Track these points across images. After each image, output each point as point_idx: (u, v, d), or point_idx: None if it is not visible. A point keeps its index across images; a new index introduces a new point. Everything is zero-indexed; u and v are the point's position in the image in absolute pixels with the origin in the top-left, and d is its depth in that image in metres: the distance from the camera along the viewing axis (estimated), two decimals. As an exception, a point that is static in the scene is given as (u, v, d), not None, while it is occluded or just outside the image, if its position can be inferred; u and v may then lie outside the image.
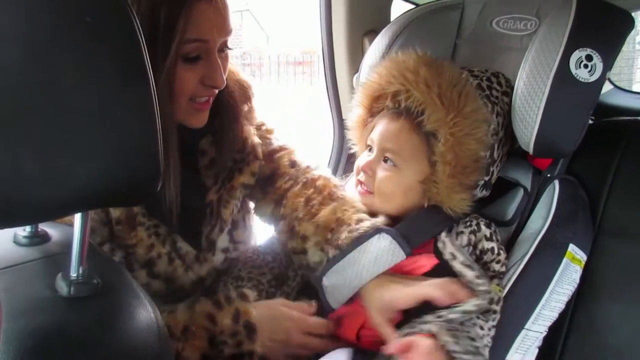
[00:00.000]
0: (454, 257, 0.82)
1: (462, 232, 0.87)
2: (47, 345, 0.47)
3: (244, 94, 0.99)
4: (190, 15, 0.77)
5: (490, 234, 0.86)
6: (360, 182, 0.92)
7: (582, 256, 0.90)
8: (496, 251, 0.86)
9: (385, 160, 0.89)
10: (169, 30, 0.77)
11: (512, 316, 0.86)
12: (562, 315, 0.91)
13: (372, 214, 0.89)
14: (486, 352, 0.80)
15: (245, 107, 0.99)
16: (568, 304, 0.91)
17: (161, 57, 0.78)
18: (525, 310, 0.86)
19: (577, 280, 0.90)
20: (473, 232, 0.86)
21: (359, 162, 0.93)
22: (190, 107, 0.86)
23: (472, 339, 0.77)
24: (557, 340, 0.98)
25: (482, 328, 0.80)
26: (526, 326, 0.86)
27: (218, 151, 0.95)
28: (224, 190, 0.95)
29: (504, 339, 0.86)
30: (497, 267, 0.86)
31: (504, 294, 0.85)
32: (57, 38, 0.45)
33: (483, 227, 0.86)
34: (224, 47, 0.86)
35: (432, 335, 0.75)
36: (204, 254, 0.93)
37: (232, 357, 0.79)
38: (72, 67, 0.46)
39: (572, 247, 0.88)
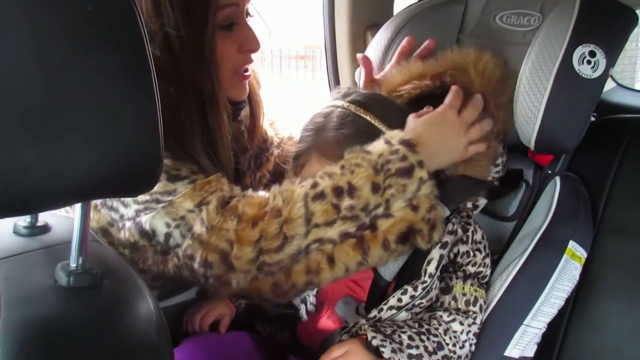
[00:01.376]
0: None
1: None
2: (46, 335, 0.47)
3: (255, 79, 1.01)
4: None
5: (467, 236, 0.85)
6: None
7: (582, 253, 0.90)
8: (471, 254, 0.85)
9: None
10: (204, 1, 0.78)
11: (511, 312, 0.86)
12: (562, 311, 0.91)
13: None
14: (458, 348, 0.80)
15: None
16: (567, 300, 0.91)
17: (200, 27, 0.79)
18: (525, 306, 0.86)
19: (577, 277, 0.90)
20: (450, 232, 0.84)
21: None
22: (234, 79, 0.88)
23: (409, 336, 0.77)
24: (556, 336, 0.98)
25: (461, 324, 0.81)
26: (525, 322, 0.86)
27: (249, 137, 0.97)
28: (254, 176, 0.98)
29: (502, 335, 0.86)
30: (472, 269, 0.85)
31: (483, 292, 0.85)
32: (58, 27, 0.45)
33: (459, 231, 0.85)
34: (247, 14, 0.88)
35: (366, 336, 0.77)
36: None
37: (402, 171, 0.77)
38: (72, 57, 0.45)
39: (572, 244, 0.88)
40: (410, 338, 0.77)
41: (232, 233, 0.76)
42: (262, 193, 0.85)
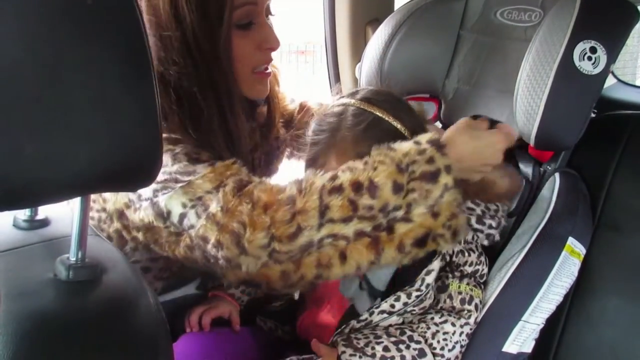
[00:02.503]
0: None
1: None
2: (45, 328, 0.47)
3: (275, 77, 1.01)
4: None
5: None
6: None
7: (580, 249, 0.90)
8: (466, 254, 0.85)
9: None
10: (220, 2, 0.78)
11: (509, 308, 0.86)
12: (560, 307, 0.91)
13: None
14: (447, 351, 0.80)
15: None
16: (566, 296, 0.91)
17: (216, 26, 0.79)
18: (523, 302, 0.86)
19: (576, 274, 0.90)
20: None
21: None
22: (254, 78, 0.88)
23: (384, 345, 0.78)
24: (554, 332, 0.98)
25: (453, 325, 0.81)
26: (523, 318, 0.86)
27: (263, 135, 0.96)
28: (264, 173, 0.96)
29: (500, 331, 0.86)
30: (469, 269, 0.85)
31: (480, 291, 0.85)
32: (58, 22, 0.45)
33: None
34: (268, 13, 0.88)
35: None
36: None
37: (427, 175, 0.73)
38: (72, 52, 0.45)
39: (571, 240, 0.88)
40: (385, 349, 0.77)
41: (245, 216, 0.75)
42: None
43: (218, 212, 0.76)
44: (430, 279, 0.81)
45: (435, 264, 0.82)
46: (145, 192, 0.79)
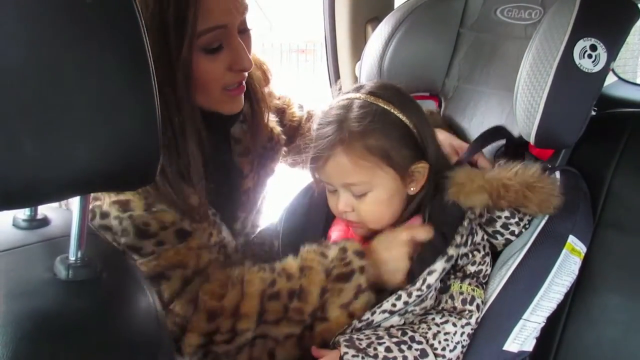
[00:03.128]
0: None
1: None
2: (44, 327, 0.47)
3: (264, 76, 1.00)
4: (200, 6, 0.75)
5: (466, 240, 0.84)
6: (347, 222, 0.90)
7: (581, 248, 0.90)
8: (470, 255, 0.85)
9: (358, 192, 0.85)
10: (180, 25, 0.74)
11: (510, 306, 0.86)
12: (561, 306, 0.91)
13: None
14: (448, 351, 0.80)
15: (266, 90, 1.00)
16: (566, 295, 0.91)
17: (175, 51, 0.75)
18: (524, 301, 0.86)
19: (576, 272, 0.90)
20: (458, 246, 0.83)
21: (332, 204, 0.89)
22: (225, 95, 0.85)
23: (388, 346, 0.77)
24: (555, 331, 0.98)
25: (454, 325, 0.81)
26: (524, 316, 0.86)
27: (252, 138, 0.95)
28: (257, 177, 0.97)
29: (501, 329, 0.86)
30: (472, 268, 0.85)
31: (482, 292, 0.85)
32: (57, 22, 0.45)
33: (468, 239, 0.84)
34: (244, 28, 0.85)
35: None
36: (236, 239, 0.94)
37: (342, 276, 0.80)
38: (72, 51, 0.45)
39: (571, 239, 0.88)
40: (387, 350, 0.76)
41: (185, 320, 0.78)
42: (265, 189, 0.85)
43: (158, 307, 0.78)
44: (431, 279, 0.81)
45: (438, 265, 0.81)
46: None
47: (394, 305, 0.81)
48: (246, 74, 0.87)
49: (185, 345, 0.78)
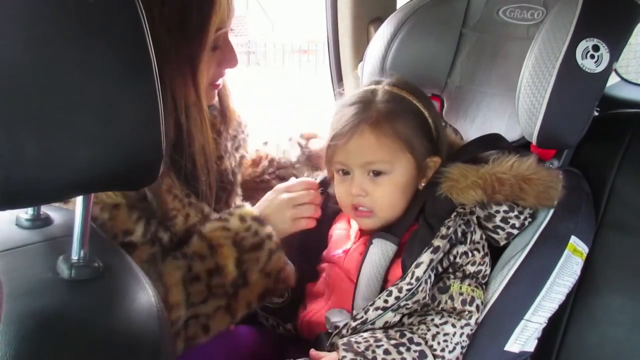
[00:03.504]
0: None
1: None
2: (47, 326, 0.47)
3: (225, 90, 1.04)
4: (217, 10, 0.82)
5: (465, 237, 0.84)
6: (355, 207, 0.89)
7: (583, 248, 0.90)
8: (470, 254, 0.85)
9: (376, 174, 0.87)
10: (201, 28, 0.81)
11: (511, 306, 0.86)
12: (562, 306, 0.91)
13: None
14: (448, 352, 0.79)
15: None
16: (568, 295, 0.91)
17: (196, 52, 0.82)
18: (525, 301, 0.86)
19: (578, 272, 0.90)
20: (450, 240, 0.83)
21: (340, 190, 0.91)
22: (209, 89, 0.91)
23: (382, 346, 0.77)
24: (557, 331, 0.98)
25: (453, 326, 0.80)
26: (526, 317, 0.86)
27: (223, 121, 1.00)
28: (234, 158, 1.01)
29: (503, 329, 0.86)
30: (471, 268, 0.85)
31: (481, 292, 0.85)
32: (61, 22, 0.45)
33: (458, 233, 0.84)
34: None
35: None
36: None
37: (255, 246, 0.87)
38: (74, 52, 0.45)
39: (573, 239, 0.88)
40: (385, 352, 0.76)
41: None
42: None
43: None
44: (419, 271, 0.80)
45: (425, 257, 0.81)
46: None
47: (385, 301, 0.81)
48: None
49: None
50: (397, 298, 0.81)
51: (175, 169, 0.87)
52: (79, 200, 0.53)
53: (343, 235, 0.96)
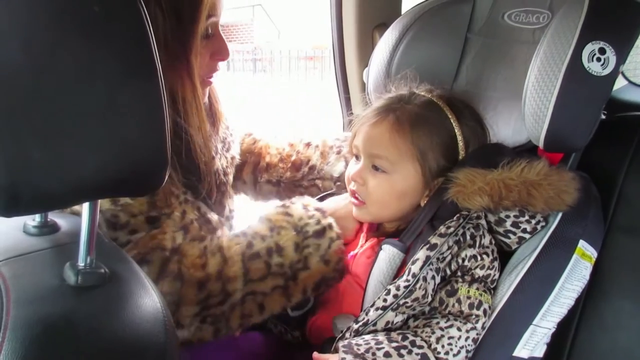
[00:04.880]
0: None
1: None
2: (54, 332, 0.47)
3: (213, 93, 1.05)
4: None
5: (474, 241, 0.84)
6: (353, 192, 0.92)
7: (592, 252, 0.89)
8: (479, 258, 0.84)
9: (376, 168, 0.89)
10: (194, 11, 0.82)
11: (520, 311, 0.85)
12: (572, 311, 0.90)
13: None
14: (452, 356, 0.79)
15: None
16: (577, 300, 0.90)
17: (189, 37, 0.82)
18: (534, 306, 0.85)
19: (587, 277, 0.89)
20: (457, 243, 0.83)
21: (348, 171, 0.93)
22: (202, 84, 0.92)
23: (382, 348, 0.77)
24: (566, 337, 0.97)
25: (459, 329, 0.80)
26: (534, 322, 0.85)
27: (213, 123, 1.01)
28: (225, 159, 1.03)
29: (511, 335, 0.85)
30: (480, 272, 0.84)
31: (489, 297, 0.84)
32: (66, 29, 0.45)
33: (467, 238, 0.84)
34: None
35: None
36: (220, 218, 0.98)
37: (317, 233, 0.90)
38: (80, 58, 0.46)
39: (582, 243, 0.87)
40: (386, 354, 0.76)
41: (176, 296, 0.81)
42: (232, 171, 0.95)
43: None
44: (415, 268, 0.80)
45: (421, 254, 0.81)
46: None
47: (385, 300, 0.81)
48: (220, 65, 0.93)
49: (182, 317, 0.82)
50: (396, 296, 0.80)
51: (171, 165, 0.87)
52: (85, 206, 0.53)
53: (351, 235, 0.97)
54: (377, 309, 0.81)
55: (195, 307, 0.82)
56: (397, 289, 0.81)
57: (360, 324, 0.81)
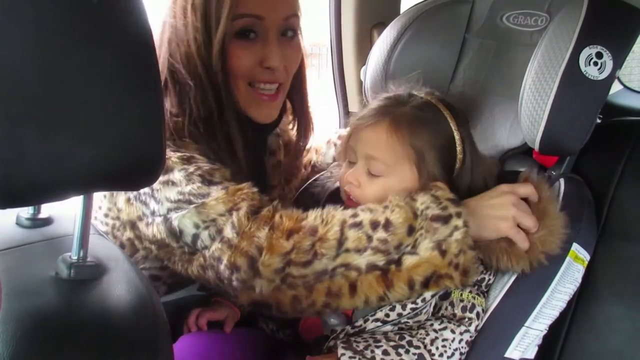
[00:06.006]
0: None
1: None
2: (45, 326, 0.47)
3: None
4: None
5: None
6: (347, 194, 0.89)
7: (585, 256, 0.89)
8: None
9: (372, 170, 0.86)
10: (220, 4, 0.81)
11: (512, 313, 0.85)
12: (563, 314, 0.90)
13: None
14: (446, 358, 0.79)
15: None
16: (569, 303, 0.90)
17: (214, 32, 0.82)
18: (526, 308, 0.85)
19: (579, 280, 0.89)
20: None
21: (343, 173, 0.90)
22: (252, 94, 0.89)
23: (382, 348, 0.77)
24: (557, 338, 0.97)
25: (452, 332, 0.80)
26: (526, 324, 0.85)
27: (287, 155, 1.00)
28: (282, 191, 1.00)
29: (503, 336, 0.85)
30: (474, 276, 0.83)
31: (482, 300, 0.84)
32: (63, 22, 0.45)
33: None
34: (286, 30, 0.89)
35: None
36: None
37: (438, 217, 0.77)
38: (76, 52, 0.45)
39: (575, 246, 0.87)
40: (384, 353, 0.76)
41: (263, 240, 0.77)
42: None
43: (233, 236, 0.78)
44: (428, 294, 0.80)
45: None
46: (160, 208, 0.81)
47: (387, 315, 0.81)
48: (278, 78, 0.90)
49: (262, 266, 0.77)
50: (400, 315, 0.80)
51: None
52: (79, 199, 0.53)
53: None
54: (376, 320, 0.81)
55: (279, 259, 0.76)
56: (404, 308, 0.80)
57: (357, 329, 0.81)
